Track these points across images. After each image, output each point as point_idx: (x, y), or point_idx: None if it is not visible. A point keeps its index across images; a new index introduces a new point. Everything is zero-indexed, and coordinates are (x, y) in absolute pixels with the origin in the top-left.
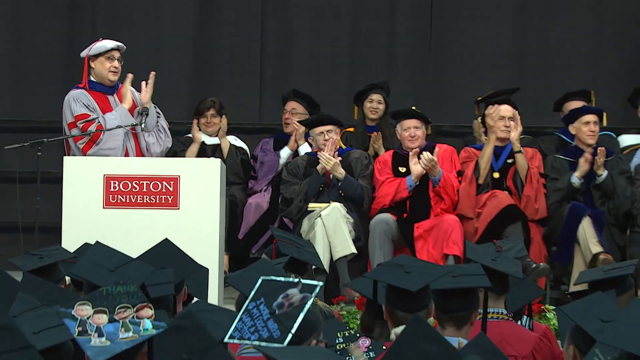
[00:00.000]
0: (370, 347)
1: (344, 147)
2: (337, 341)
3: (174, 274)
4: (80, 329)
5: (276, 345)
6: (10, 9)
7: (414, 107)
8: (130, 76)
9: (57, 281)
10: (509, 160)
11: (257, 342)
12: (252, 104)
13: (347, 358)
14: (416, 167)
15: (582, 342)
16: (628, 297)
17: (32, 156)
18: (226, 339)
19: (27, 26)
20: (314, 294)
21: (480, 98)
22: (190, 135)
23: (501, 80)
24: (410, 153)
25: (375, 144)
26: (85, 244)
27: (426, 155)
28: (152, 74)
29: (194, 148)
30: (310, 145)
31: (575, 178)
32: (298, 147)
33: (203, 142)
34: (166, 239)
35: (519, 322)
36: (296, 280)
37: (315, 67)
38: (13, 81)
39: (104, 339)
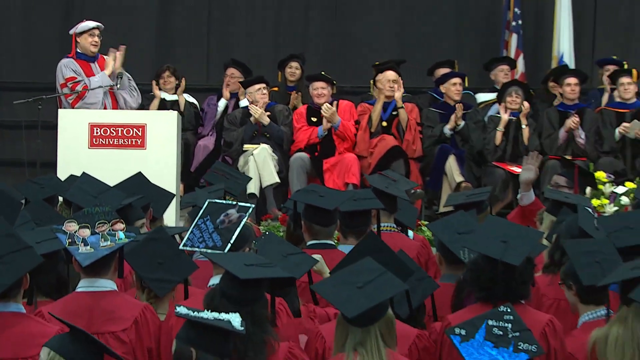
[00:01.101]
0: None
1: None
2: None
3: (143, 199)
4: (70, 240)
5: (219, 252)
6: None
7: (323, 72)
8: (113, 51)
9: (52, 200)
10: (394, 113)
11: (204, 250)
12: (201, 70)
13: None
14: (327, 123)
15: (441, 249)
16: (484, 216)
17: (34, 109)
18: (180, 247)
19: (33, 12)
20: (247, 214)
21: (377, 63)
22: (153, 93)
23: (390, 52)
24: (326, 115)
25: (295, 100)
26: (71, 175)
27: (326, 105)
28: (123, 47)
29: (155, 102)
30: (249, 101)
31: (447, 129)
32: (239, 100)
33: (164, 99)
34: (139, 172)
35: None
36: (234, 202)
37: (249, 41)
38: (22, 53)
39: (88, 247)
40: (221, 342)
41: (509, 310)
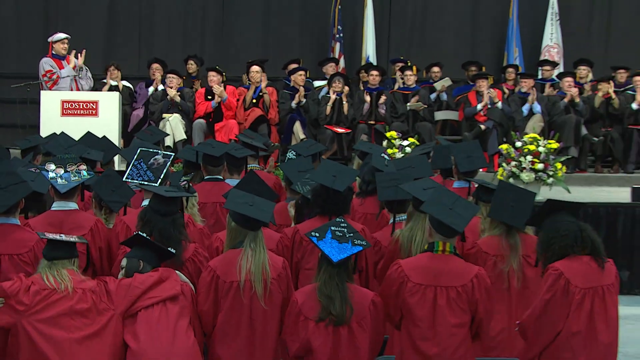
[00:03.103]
0: None
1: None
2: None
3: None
4: (51, 175)
5: (152, 184)
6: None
7: (217, 67)
8: (78, 52)
9: (38, 153)
10: (260, 94)
11: (142, 182)
12: (134, 64)
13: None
14: (217, 99)
15: (286, 181)
16: (318, 162)
17: (24, 90)
18: (124, 179)
19: (23, 22)
20: (171, 159)
21: (249, 61)
22: (104, 80)
23: (257, 53)
24: (217, 92)
25: (195, 86)
26: (53, 133)
27: (216, 85)
28: (84, 50)
29: (106, 87)
30: (164, 84)
31: (293, 104)
32: (158, 86)
33: (110, 84)
34: (88, 132)
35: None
36: (159, 150)
37: (166, 44)
38: (16, 50)
39: (64, 180)
40: (162, 256)
41: (342, 220)
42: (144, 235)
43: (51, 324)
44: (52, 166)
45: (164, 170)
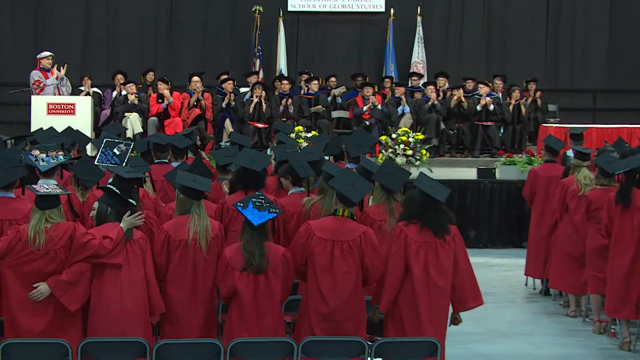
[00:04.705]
0: None
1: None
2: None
3: (71, 140)
4: (35, 159)
5: (117, 166)
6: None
7: (165, 77)
8: (62, 67)
9: (27, 142)
10: (200, 99)
11: (109, 165)
12: (102, 76)
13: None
14: (166, 102)
15: (216, 165)
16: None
17: (18, 95)
18: (95, 163)
19: (18, 41)
20: (131, 147)
21: (191, 73)
22: (80, 88)
23: (197, 66)
24: (166, 100)
25: (151, 92)
26: (40, 128)
27: (166, 92)
28: (65, 65)
29: (82, 94)
30: (129, 92)
31: (223, 104)
32: (122, 91)
33: (85, 90)
34: (68, 127)
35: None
36: (122, 140)
37: (127, 59)
38: (12, 64)
39: (45, 162)
40: (123, 205)
41: (261, 193)
42: (112, 187)
43: (21, 270)
44: (37, 151)
45: (127, 156)
